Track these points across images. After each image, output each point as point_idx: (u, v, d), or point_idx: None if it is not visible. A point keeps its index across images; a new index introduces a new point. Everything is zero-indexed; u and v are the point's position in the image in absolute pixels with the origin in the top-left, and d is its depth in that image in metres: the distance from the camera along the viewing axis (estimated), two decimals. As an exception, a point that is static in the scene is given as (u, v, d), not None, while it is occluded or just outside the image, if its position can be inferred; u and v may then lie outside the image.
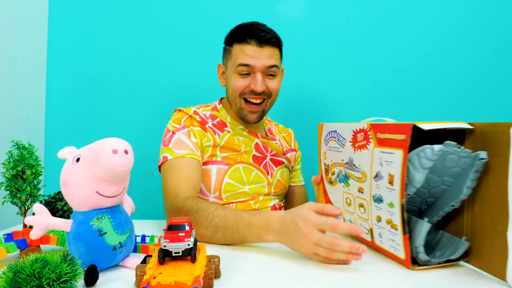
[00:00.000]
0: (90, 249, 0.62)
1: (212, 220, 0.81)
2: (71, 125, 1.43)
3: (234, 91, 1.08)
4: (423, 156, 0.64)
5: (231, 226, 0.79)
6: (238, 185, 1.07)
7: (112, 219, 0.64)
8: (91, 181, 0.61)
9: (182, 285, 0.52)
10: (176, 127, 1.06)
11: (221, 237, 0.81)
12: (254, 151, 1.13)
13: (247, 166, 1.10)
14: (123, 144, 0.61)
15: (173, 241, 0.56)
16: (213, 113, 1.13)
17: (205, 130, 1.08)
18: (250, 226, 0.78)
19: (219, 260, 0.61)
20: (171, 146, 1.02)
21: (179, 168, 0.98)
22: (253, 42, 1.03)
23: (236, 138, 1.11)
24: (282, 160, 1.19)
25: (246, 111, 1.09)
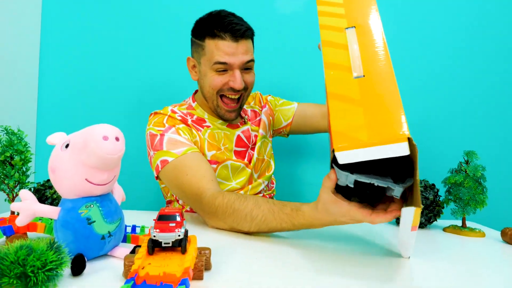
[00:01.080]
0: (78, 238, 0.60)
1: (252, 222, 0.81)
2: (64, 113, 1.41)
3: (211, 89, 1.05)
4: (341, 178, 0.62)
5: (274, 226, 0.79)
6: (225, 182, 1.06)
7: (101, 208, 0.62)
8: (80, 168, 0.59)
9: (171, 276, 0.51)
10: (161, 129, 1.01)
11: (266, 231, 0.82)
12: (235, 146, 1.11)
13: (234, 163, 1.08)
14: (114, 130, 0.59)
15: (163, 231, 0.55)
16: (190, 111, 1.10)
17: (189, 127, 1.05)
18: (294, 226, 0.77)
19: (210, 252, 0.60)
20: (166, 149, 0.97)
21: (189, 166, 0.94)
22: (228, 37, 0.99)
23: (216, 133, 1.09)
24: (257, 143, 1.17)
25: (223, 111, 1.07)
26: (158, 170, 0.98)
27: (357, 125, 0.56)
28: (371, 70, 0.62)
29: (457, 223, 1.00)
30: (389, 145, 0.53)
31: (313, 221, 0.74)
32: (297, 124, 1.28)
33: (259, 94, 1.29)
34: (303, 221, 0.75)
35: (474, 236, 0.93)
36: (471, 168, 0.92)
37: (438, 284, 0.59)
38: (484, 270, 0.68)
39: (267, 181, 1.17)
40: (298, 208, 0.76)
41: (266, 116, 1.24)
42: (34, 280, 0.49)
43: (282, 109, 1.28)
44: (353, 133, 0.56)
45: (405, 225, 0.61)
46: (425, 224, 0.99)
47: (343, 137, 0.56)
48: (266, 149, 1.21)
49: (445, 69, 1.46)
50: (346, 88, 0.61)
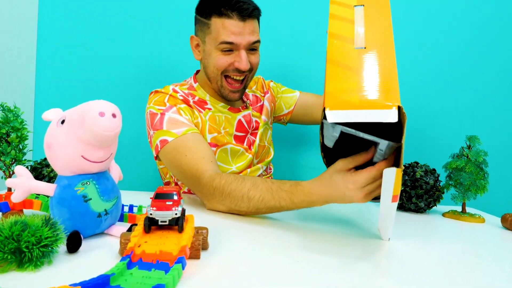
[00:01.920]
0: (74, 215, 0.59)
1: (250, 202, 0.80)
2: (62, 90, 1.39)
3: (216, 69, 1.02)
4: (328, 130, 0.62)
5: (273, 205, 0.78)
6: (225, 166, 1.05)
7: (97, 185, 0.61)
8: (76, 145, 0.58)
9: (167, 254, 0.50)
10: (162, 108, 0.99)
11: (264, 211, 0.81)
12: (235, 131, 1.10)
13: (233, 147, 1.07)
14: (111, 107, 0.58)
15: (159, 210, 0.54)
16: (191, 92, 1.08)
17: (191, 107, 1.03)
18: (294, 204, 0.76)
19: (207, 232, 0.59)
20: (166, 128, 0.95)
21: (187, 146, 0.93)
22: (235, 16, 0.97)
23: (217, 116, 1.07)
24: (260, 129, 1.16)
25: (227, 91, 1.05)
26: (158, 150, 0.96)
27: (350, 89, 0.58)
28: (373, 43, 0.63)
29: (457, 208, 1.00)
30: (379, 110, 0.55)
31: (312, 197, 0.73)
32: (298, 113, 1.26)
33: (262, 79, 1.27)
34: (303, 197, 0.74)
35: (473, 221, 0.92)
36: (473, 153, 0.91)
37: (437, 269, 0.59)
38: (483, 255, 0.68)
39: (265, 166, 1.16)
40: (297, 184, 0.75)
41: (268, 102, 1.23)
42: (29, 256, 0.49)
43: (284, 96, 1.26)
44: (346, 95, 0.57)
45: (386, 193, 0.61)
46: (425, 209, 0.98)
47: (335, 98, 0.57)
48: (267, 135, 1.20)
49: (448, 53, 1.44)
50: (345, 56, 0.62)
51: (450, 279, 0.54)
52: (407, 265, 0.60)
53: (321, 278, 0.52)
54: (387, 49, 0.62)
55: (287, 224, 0.79)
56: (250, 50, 1.03)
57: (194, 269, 0.52)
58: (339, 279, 0.52)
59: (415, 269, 0.58)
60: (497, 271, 0.59)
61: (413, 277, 0.55)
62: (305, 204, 0.75)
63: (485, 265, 0.62)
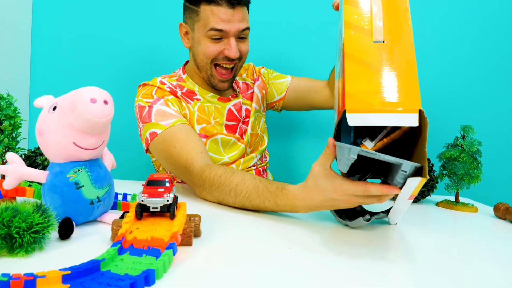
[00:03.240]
0: (66, 202, 0.59)
1: (237, 197, 0.78)
2: (57, 79, 1.39)
3: (205, 57, 1.02)
4: (343, 153, 0.58)
5: (257, 204, 0.76)
6: (217, 157, 1.05)
7: (90, 173, 0.61)
8: (68, 131, 0.58)
9: (158, 240, 0.50)
10: (150, 101, 0.98)
11: (250, 208, 0.78)
12: (226, 120, 1.09)
13: (224, 137, 1.06)
14: (103, 93, 0.57)
15: (151, 196, 0.54)
16: (180, 83, 1.07)
17: (179, 98, 1.03)
18: (277, 206, 0.74)
19: (199, 219, 0.59)
20: (154, 121, 0.95)
21: (176, 138, 0.92)
22: (224, 4, 0.96)
23: (206, 106, 1.06)
24: (251, 117, 1.15)
25: (217, 80, 1.05)
26: (148, 143, 0.96)
27: (371, 91, 0.57)
28: (392, 37, 0.61)
29: (451, 198, 1.00)
30: (400, 114, 0.54)
31: (296, 202, 0.70)
32: (291, 98, 1.24)
33: (252, 66, 1.26)
34: (287, 201, 0.71)
35: (467, 211, 0.93)
36: (467, 143, 0.91)
37: (430, 258, 0.59)
38: (476, 244, 0.68)
39: (259, 155, 1.16)
40: (284, 187, 0.73)
41: (259, 89, 1.22)
42: (20, 242, 0.49)
43: (275, 82, 1.25)
44: (367, 97, 0.56)
45: (404, 193, 0.60)
46: (418, 199, 0.99)
47: (355, 100, 0.56)
48: (260, 123, 1.19)
49: (442, 43, 1.43)
50: (364, 51, 0.60)
51: (443, 267, 0.55)
52: (401, 253, 0.60)
53: (313, 264, 0.52)
54: (406, 44, 0.60)
55: (280, 214, 0.79)
56: (240, 38, 1.02)
57: (185, 255, 0.52)
58: (332, 265, 0.52)
59: (409, 257, 0.58)
60: (490, 259, 0.60)
61: (408, 265, 0.55)
62: (288, 209, 0.72)
63: (478, 253, 0.63)
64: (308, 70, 1.43)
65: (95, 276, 0.43)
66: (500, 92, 1.45)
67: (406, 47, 0.60)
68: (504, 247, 0.67)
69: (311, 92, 1.22)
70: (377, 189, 0.60)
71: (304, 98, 1.23)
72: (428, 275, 0.51)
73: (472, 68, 1.44)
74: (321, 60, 1.42)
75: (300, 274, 0.49)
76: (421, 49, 1.43)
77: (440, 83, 1.43)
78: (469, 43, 1.44)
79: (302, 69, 1.43)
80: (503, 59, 1.44)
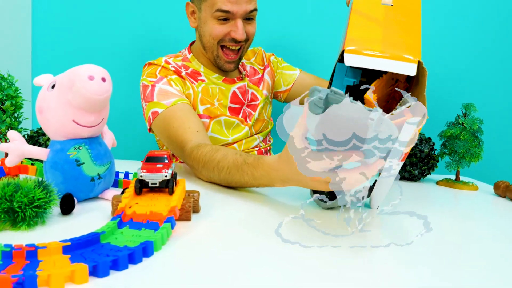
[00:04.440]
0: (67, 179, 0.60)
1: (220, 174, 0.77)
2: (59, 59, 1.39)
3: (211, 38, 1.01)
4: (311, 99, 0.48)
5: (238, 179, 0.74)
6: (221, 138, 1.05)
7: (90, 150, 0.62)
8: (67, 109, 0.58)
9: (157, 215, 0.51)
10: (153, 80, 0.99)
11: (234, 185, 0.77)
12: (230, 102, 1.09)
13: (228, 119, 1.06)
14: (101, 71, 0.58)
15: (150, 172, 0.55)
16: (185, 63, 1.07)
17: (183, 78, 1.03)
18: (255, 179, 0.71)
19: (198, 195, 0.60)
20: (156, 100, 0.96)
21: (175, 117, 0.93)
22: None
23: (211, 88, 1.06)
24: (258, 102, 1.15)
25: (223, 61, 1.04)
26: (150, 122, 0.97)
27: (372, 39, 0.57)
28: (400, 2, 0.62)
29: (451, 176, 1.00)
30: (399, 62, 0.54)
31: (271, 172, 0.65)
32: (295, 92, 1.24)
33: (262, 51, 1.24)
34: (263, 172, 0.67)
35: (467, 189, 0.93)
36: (468, 121, 0.90)
37: (430, 236, 0.59)
38: (476, 222, 0.68)
39: (263, 137, 1.16)
40: (261, 157, 0.70)
41: (270, 76, 1.21)
42: (22, 216, 0.50)
43: (284, 72, 1.24)
44: (367, 43, 0.56)
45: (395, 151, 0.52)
46: (419, 178, 0.99)
47: (356, 43, 0.56)
48: (267, 110, 1.19)
49: (443, 20, 1.41)
50: (371, 9, 0.61)
51: (443, 246, 0.55)
52: (400, 232, 0.61)
53: (312, 237, 0.53)
54: (414, 9, 0.61)
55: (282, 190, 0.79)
56: (247, 20, 1.01)
57: (184, 230, 0.53)
58: (329, 243, 0.53)
59: (409, 236, 0.59)
60: (490, 237, 0.60)
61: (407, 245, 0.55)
62: (264, 181, 0.68)
63: (478, 232, 0.63)
64: (316, 54, 1.42)
65: (95, 247, 0.44)
66: (503, 70, 1.43)
67: (413, 11, 0.62)
68: (504, 225, 0.67)
69: None
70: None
71: None
72: (427, 254, 0.51)
73: (474, 45, 1.42)
74: (331, 44, 1.41)
75: (297, 249, 0.49)
76: (424, 26, 1.41)
77: (441, 61, 1.42)
78: (472, 21, 1.41)
79: (310, 53, 1.42)
80: (506, 36, 1.42)
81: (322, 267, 0.44)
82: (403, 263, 0.47)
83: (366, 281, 0.41)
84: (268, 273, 0.42)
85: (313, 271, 0.43)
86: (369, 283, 0.41)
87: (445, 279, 0.43)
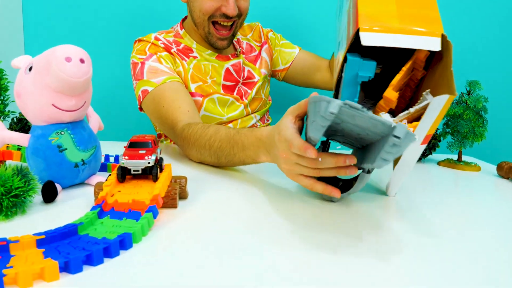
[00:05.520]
0: (49, 165, 0.58)
1: (211, 149, 0.75)
2: (51, 41, 1.35)
3: (201, 14, 0.96)
4: (318, 110, 0.44)
5: (228, 152, 0.72)
6: (216, 116, 1.02)
7: (73, 135, 0.60)
8: (45, 92, 0.55)
9: (140, 203, 0.49)
10: (143, 57, 0.95)
11: (224, 162, 0.75)
12: (223, 80, 1.05)
13: (221, 96, 1.03)
14: (78, 51, 0.54)
15: (132, 159, 0.53)
16: (177, 39, 1.03)
17: (173, 55, 0.99)
18: (244, 149, 0.69)
19: (185, 181, 0.58)
20: (146, 78, 0.92)
21: (165, 96, 0.90)
22: None
23: (203, 65, 1.02)
24: (255, 80, 1.11)
25: (215, 38, 1.00)
26: (140, 101, 0.94)
27: (388, 13, 0.52)
28: None
29: (453, 157, 0.97)
30: (421, 37, 0.50)
31: (260, 143, 0.64)
32: (293, 71, 1.19)
33: (260, 27, 1.19)
34: (252, 139, 0.66)
35: (469, 170, 0.90)
36: (472, 99, 0.86)
37: (430, 219, 0.57)
38: (477, 204, 0.66)
39: (260, 116, 1.13)
40: (255, 128, 0.68)
41: (267, 54, 1.16)
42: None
43: (282, 50, 1.19)
44: (383, 18, 0.51)
45: (418, 131, 0.51)
46: (420, 158, 0.96)
47: (370, 20, 0.51)
48: (264, 88, 1.15)
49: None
50: None
51: (444, 229, 0.53)
52: (401, 215, 0.59)
53: (300, 227, 0.51)
54: None
55: (271, 177, 0.76)
56: None
57: (169, 218, 0.51)
58: (318, 227, 0.51)
59: (410, 218, 0.57)
60: (491, 219, 0.58)
61: (409, 226, 0.53)
62: (252, 151, 0.66)
63: (479, 214, 0.61)
64: (317, 30, 1.36)
65: (72, 240, 0.42)
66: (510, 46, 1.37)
67: None
68: (506, 207, 0.65)
69: (315, 70, 1.18)
70: (330, 159, 0.51)
71: (306, 74, 1.19)
72: (428, 236, 0.49)
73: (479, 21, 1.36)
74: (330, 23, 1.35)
75: (287, 235, 0.47)
76: None
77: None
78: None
79: (311, 29, 1.36)
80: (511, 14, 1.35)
81: (321, 256, 0.42)
82: (402, 245, 0.45)
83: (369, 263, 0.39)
84: (259, 265, 0.40)
85: (311, 260, 0.40)
86: (372, 266, 0.39)
87: (441, 262, 0.41)
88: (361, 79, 0.57)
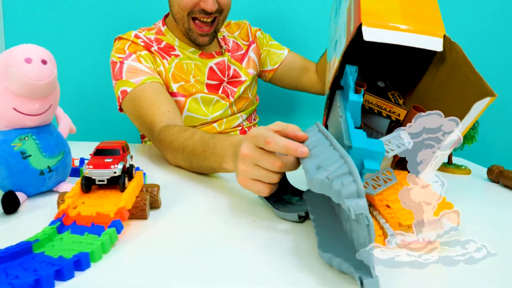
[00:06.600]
0: (12, 173, 0.54)
1: (184, 153, 0.71)
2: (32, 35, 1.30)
3: (180, 9, 0.92)
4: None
5: (199, 156, 0.68)
6: (199, 117, 0.98)
7: (38, 141, 0.56)
8: (5, 96, 0.51)
9: (104, 217, 0.46)
10: (121, 56, 0.91)
11: (196, 167, 0.71)
12: (207, 79, 1.01)
13: (205, 95, 0.99)
14: (40, 51, 0.51)
15: (96, 168, 0.49)
16: (158, 37, 0.99)
17: (153, 54, 0.95)
18: (214, 154, 0.64)
19: (158, 189, 0.55)
20: (125, 78, 0.88)
21: (145, 97, 0.86)
22: None
23: (185, 63, 0.98)
24: (242, 79, 1.07)
25: (196, 34, 0.96)
26: (120, 102, 0.91)
27: (391, 11, 0.52)
28: None
29: (443, 159, 0.94)
30: (423, 36, 0.50)
31: (230, 147, 0.60)
32: (281, 73, 1.16)
33: (248, 25, 1.15)
34: (225, 143, 0.62)
35: (459, 173, 0.87)
36: (463, 100, 0.83)
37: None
38: (466, 209, 0.63)
39: (246, 115, 1.09)
40: (231, 135, 0.66)
41: (255, 53, 1.13)
42: (-51, 220, 0.44)
43: (271, 51, 1.16)
44: (386, 16, 0.51)
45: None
46: (409, 160, 0.93)
47: (373, 16, 0.50)
48: (251, 88, 1.12)
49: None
50: None
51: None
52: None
53: (277, 237, 0.48)
54: None
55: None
56: None
57: (136, 231, 0.48)
58: (303, 237, 0.48)
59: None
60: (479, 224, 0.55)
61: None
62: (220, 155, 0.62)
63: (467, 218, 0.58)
64: (307, 30, 1.33)
65: (24, 260, 0.39)
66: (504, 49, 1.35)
67: None
68: (495, 212, 0.62)
69: (303, 72, 1.15)
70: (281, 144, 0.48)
71: (294, 76, 1.16)
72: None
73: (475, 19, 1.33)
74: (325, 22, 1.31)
75: (263, 248, 0.44)
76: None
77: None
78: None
79: (300, 29, 1.33)
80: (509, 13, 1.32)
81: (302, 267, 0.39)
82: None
83: None
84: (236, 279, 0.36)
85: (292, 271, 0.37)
86: None
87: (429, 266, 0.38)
88: (367, 172, 0.47)
